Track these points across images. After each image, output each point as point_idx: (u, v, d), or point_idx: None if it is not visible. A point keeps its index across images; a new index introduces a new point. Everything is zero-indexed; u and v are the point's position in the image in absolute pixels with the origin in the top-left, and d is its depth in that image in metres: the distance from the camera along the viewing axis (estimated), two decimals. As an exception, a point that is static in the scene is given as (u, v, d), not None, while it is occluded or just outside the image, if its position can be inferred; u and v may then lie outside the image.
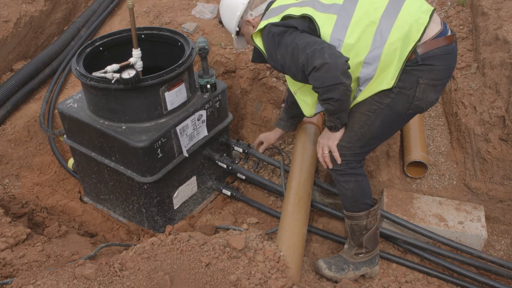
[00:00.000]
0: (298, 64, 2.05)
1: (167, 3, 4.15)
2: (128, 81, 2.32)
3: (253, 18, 2.33)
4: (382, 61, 2.02)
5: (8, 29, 3.67)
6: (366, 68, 2.05)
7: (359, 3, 2.06)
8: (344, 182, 2.29)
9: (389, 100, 2.10)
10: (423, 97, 2.10)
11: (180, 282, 1.93)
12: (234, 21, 2.36)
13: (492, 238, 2.94)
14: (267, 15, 2.25)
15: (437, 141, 3.18)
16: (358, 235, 2.39)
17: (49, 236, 2.65)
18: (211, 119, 2.84)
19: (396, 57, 2.01)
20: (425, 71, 2.05)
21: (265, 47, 2.21)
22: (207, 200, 3.10)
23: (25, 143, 3.40)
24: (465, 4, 3.60)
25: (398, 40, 1.99)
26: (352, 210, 2.35)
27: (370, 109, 2.14)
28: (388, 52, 2.00)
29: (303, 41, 2.03)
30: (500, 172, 2.83)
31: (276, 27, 2.12)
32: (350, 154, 2.22)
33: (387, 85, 2.05)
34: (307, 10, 2.09)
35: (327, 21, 2.05)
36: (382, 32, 2.00)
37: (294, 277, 2.13)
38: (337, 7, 2.06)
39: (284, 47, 2.10)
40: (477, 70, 3.09)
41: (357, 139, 2.20)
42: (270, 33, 2.14)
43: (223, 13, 2.43)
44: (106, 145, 2.61)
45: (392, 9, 2.03)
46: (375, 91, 2.09)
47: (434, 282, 2.59)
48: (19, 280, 1.93)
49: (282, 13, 2.14)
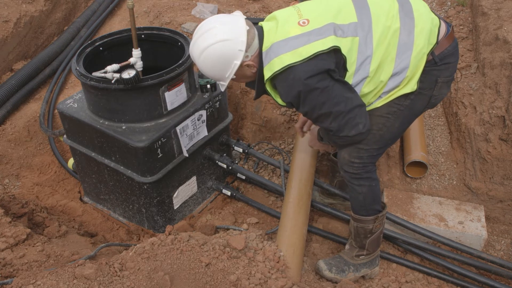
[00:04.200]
0: (325, 125, 2.03)
1: (167, 3, 4.15)
2: (128, 81, 2.32)
3: (250, 59, 1.99)
4: (411, 69, 1.98)
5: (8, 29, 3.67)
6: (392, 80, 2.01)
7: (373, 15, 1.95)
8: (358, 186, 2.25)
9: (409, 101, 2.07)
10: (439, 94, 2.12)
11: (180, 282, 1.93)
12: (229, 71, 1.99)
13: (492, 238, 2.94)
14: (273, 51, 1.93)
15: (437, 141, 3.18)
16: (362, 237, 2.38)
17: (49, 236, 2.65)
18: (211, 119, 2.84)
19: (423, 62, 1.99)
20: (443, 70, 2.06)
21: (282, 93, 1.99)
22: (207, 200, 3.10)
23: (25, 143, 3.40)
24: (465, 4, 3.60)
25: (424, 47, 1.96)
26: (360, 214, 2.33)
27: (389, 112, 2.09)
28: (416, 59, 1.97)
29: (335, 107, 1.92)
30: (500, 172, 2.83)
31: (310, 79, 1.86)
32: (367, 156, 2.17)
33: (410, 89, 2.02)
34: (331, 40, 1.87)
35: (352, 47, 1.92)
36: (405, 41, 1.96)
37: (294, 277, 2.13)
38: (355, 27, 1.93)
39: (311, 106, 1.95)
40: (477, 70, 3.09)
41: (375, 141, 2.14)
42: (295, 87, 1.90)
43: (210, 64, 1.98)
44: (106, 145, 2.61)
45: (406, 16, 1.97)
46: (397, 96, 2.06)
47: (434, 282, 2.59)
48: (19, 280, 1.93)
49: (302, 49, 1.86)
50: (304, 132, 2.66)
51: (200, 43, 1.95)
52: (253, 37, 1.97)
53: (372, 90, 2.02)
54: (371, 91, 2.03)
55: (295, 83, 1.89)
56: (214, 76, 2.04)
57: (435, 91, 2.09)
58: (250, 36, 1.95)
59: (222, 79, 2.04)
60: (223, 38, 1.91)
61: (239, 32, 1.93)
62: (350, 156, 2.18)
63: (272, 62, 1.92)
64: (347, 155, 2.19)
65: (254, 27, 2.01)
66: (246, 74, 2.06)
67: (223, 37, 1.91)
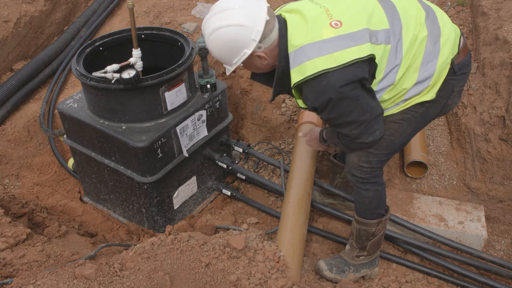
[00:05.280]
0: (346, 131, 1.99)
1: (167, 3, 4.15)
2: (128, 81, 2.32)
3: (263, 51, 1.88)
4: (434, 78, 1.96)
5: (8, 29, 3.67)
6: (415, 88, 1.98)
7: (403, 21, 1.91)
8: (364, 190, 2.23)
9: (423, 109, 2.06)
10: (452, 103, 2.11)
11: (180, 282, 1.93)
12: (237, 58, 1.87)
13: (492, 238, 2.94)
14: (305, 53, 1.81)
15: (437, 141, 3.18)
16: (364, 239, 2.38)
17: (49, 236, 2.65)
18: (211, 119, 2.84)
19: (446, 72, 1.97)
20: (459, 80, 2.06)
21: (310, 98, 1.89)
22: (207, 200, 3.10)
23: (25, 143, 3.40)
24: (465, 4, 3.60)
25: (448, 56, 1.95)
26: (364, 217, 2.32)
27: (403, 118, 2.07)
28: (441, 69, 1.96)
29: (362, 116, 1.89)
30: (500, 172, 2.83)
31: (345, 87, 1.79)
32: (376, 161, 2.15)
33: (430, 97, 2.00)
34: (368, 48, 1.80)
35: (383, 55, 1.87)
36: (431, 50, 1.94)
37: (294, 277, 2.13)
38: (387, 34, 1.87)
39: (338, 113, 1.90)
40: (477, 70, 3.09)
41: (385, 146, 2.12)
42: (326, 94, 1.81)
43: (218, 46, 1.87)
44: (106, 145, 2.61)
45: (433, 25, 1.96)
46: (414, 103, 2.03)
47: (434, 282, 2.59)
48: (19, 280, 1.93)
49: (338, 55, 1.77)
50: None
51: (213, 22, 1.82)
52: (272, 29, 1.84)
53: (392, 97, 2.00)
54: (391, 98, 2.00)
55: (328, 89, 1.80)
56: (220, 58, 1.93)
57: (450, 100, 2.08)
58: (268, 28, 1.82)
59: (228, 63, 1.93)
60: (238, 23, 1.77)
61: (258, 20, 1.79)
62: (360, 160, 2.15)
63: (304, 66, 1.80)
64: (357, 159, 2.16)
65: (275, 18, 1.87)
66: (255, 64, 1.95)
67: (239, 22, 1.77)
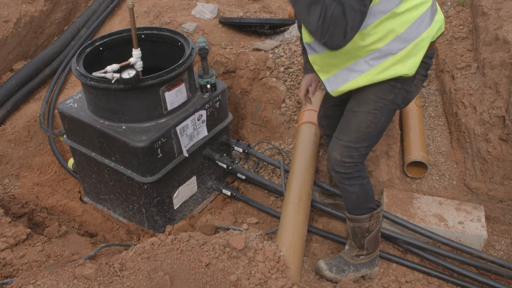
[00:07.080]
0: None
1: (167, 3, 4.15)
2: (128, 81, 2.32)
3: None
4: (413, 46, 1.97)
5: (8, 29, 3.67)
6: (396, 42, 1.95)
7: None
8: (349, 186, 2.26)
9: (392, 95, 2.11)
10: (413, 91, 2.16)
11: (180, 282, 1.93)
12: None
13: (492, 238, 2.93)
14: None
15: (437, 141, 3.18)
16: (360, 237, 2.39)
17: (49, 236, 2.65)
18: (211, 119, 2.84)
19: (424, 51, 2.00)
20: (423, 68, 2.10)
21: None
22: (207, 200, 3.10)
23: (25, 143, 3.40)
24: (465, 4, 3.60)
25: (433, 36, 2.01)
26: (354, 213, 2.34)
27: (376, 107, 2.13)
28: (423, 42, 1.98)
29: None
30: (500, 172, 2.83)
31: None
32: (358, 155, 2.20)
33: (408, 71, 2.01)
34: None
35: None
36: (425, 18, 1.96)
37: (294, 277, 2.13)
38: None
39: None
40: (477, 70, 3.09)
41: (364, 139, 2.18)
42: None
43: None
44: (106, 145, 2.61)
45: (434, 3, 2.04)
46: (388, 75, 2.01)
47: (434, 282, 2.59)
48: (19, 280, 1.93)
49: None
50: (309, 98, 2.58)
51: None
52: None
53: (380, 33, 1.94)
54: (378, 33, 1.93)
55: None
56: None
57: (412, 87, 2.13)
58: None
59: None
60: None
61: None
62: (342, 156, 2.20)
63: None
64: (339, 156, 2.21)
65: None
66: None
67: None
